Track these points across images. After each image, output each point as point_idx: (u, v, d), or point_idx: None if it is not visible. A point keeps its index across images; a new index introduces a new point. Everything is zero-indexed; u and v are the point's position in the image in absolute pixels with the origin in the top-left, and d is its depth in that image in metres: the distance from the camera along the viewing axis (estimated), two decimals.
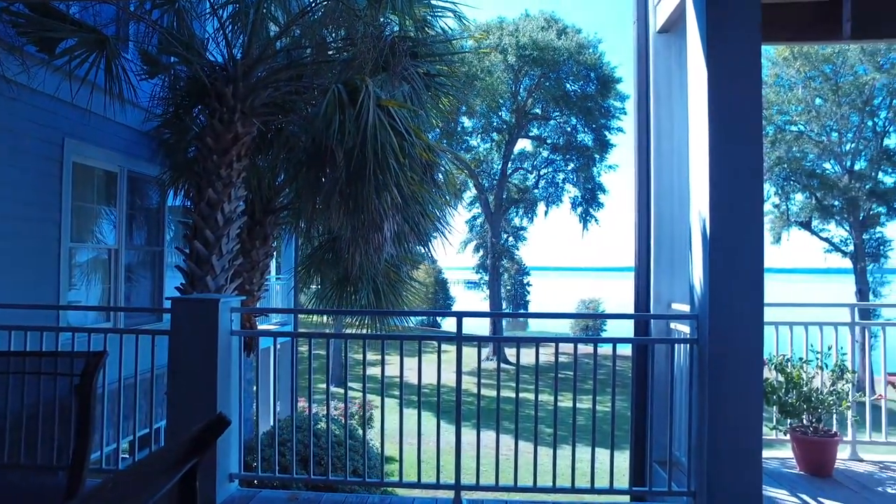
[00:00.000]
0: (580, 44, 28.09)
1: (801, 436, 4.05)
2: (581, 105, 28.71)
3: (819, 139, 25.71)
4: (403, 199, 4.42)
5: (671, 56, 4.28)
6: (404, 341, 3.95)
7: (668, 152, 4.44)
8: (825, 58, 24.13)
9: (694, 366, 3.44)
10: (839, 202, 25.22)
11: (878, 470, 4.21)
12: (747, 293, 3.25)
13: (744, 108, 3.28)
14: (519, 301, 56.16)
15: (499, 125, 30.16)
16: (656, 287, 4.39)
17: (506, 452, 3.57)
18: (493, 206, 30.50)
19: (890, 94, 24.29)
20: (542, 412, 3.59)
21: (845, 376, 4.18)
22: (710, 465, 3.22)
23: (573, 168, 30.59)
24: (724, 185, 3.30)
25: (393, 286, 6.88)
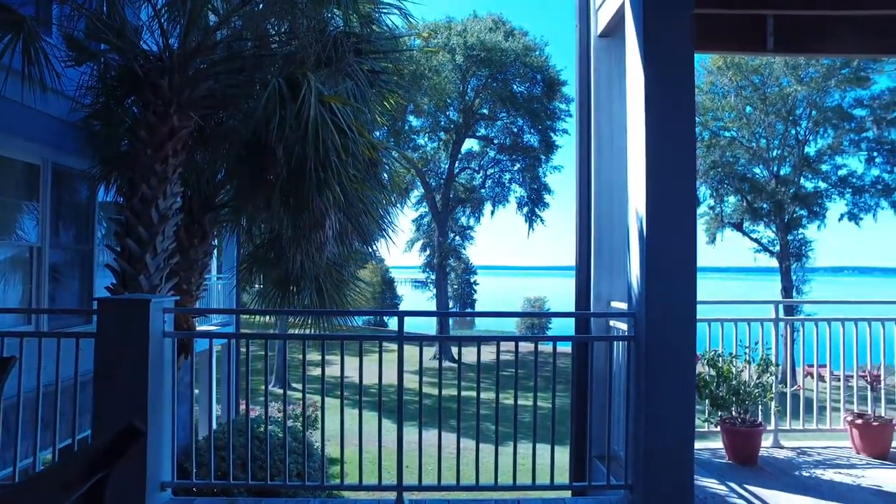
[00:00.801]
0: (527, 46, 28.54)
1: (730, 427, 4.24)
2: (527, 106, 29.17)
3: (749, 145, 27.11)
4: (346, 198, 4.35)
5: (611, 60, 4.40)
6: (348, 341, 3.90)
7: (608, 154, 4.56)
8: (754, 69, 25.45)
9: (631, 362, 3.54)
10: (767, 205, 26.65)
11: (797, 455, 4.47)
12: (681, 291, 3.37)
13: (678, 112, 3.40)
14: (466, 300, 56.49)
15: (446, 125, 30.26)
16: (596, 286, 4.50)
17: (451, 451, 3.57)
18: (440, 205, 30.59)
19: (810, 105, 25.86)
20: (487, 410, 3.61)
21: (770, 369, 4.41)
22: (646, 458, 3.32)
23: (519, 168, 31.06)
24: (660, 186, 3.41)
25: (337, 286, 6.77)
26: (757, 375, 4.36)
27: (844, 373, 4.80)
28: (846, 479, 3.97)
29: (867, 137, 26.06)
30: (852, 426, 4.56)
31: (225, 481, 3.56)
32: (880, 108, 25.26)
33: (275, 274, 6.84)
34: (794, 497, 3.63)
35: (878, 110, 25.31)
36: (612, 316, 4.05)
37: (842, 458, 4.44)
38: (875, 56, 5.00)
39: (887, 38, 5.00)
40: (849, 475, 4.06)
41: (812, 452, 4.53)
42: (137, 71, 4.81)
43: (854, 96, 25.68)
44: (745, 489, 3.72)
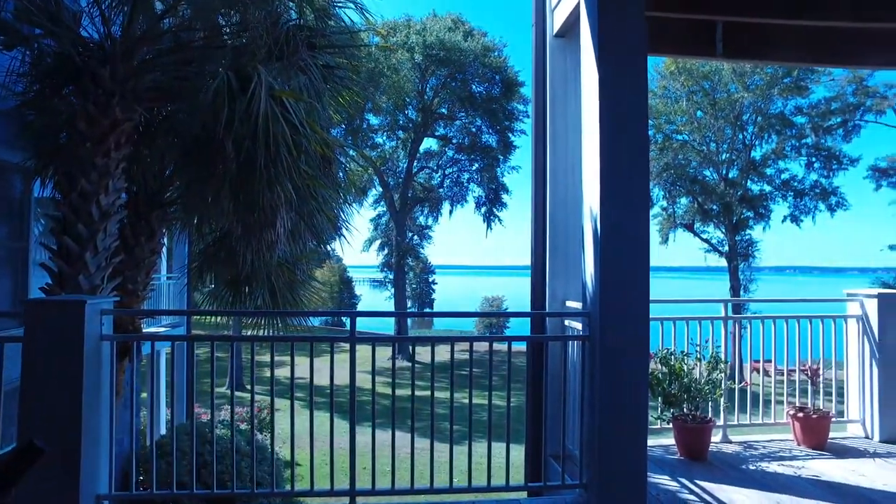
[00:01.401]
0: (486, 46, 28.68)
1: (682, 423, 4.33)
2: (486, 107, 29.31)
3: (700, 148, 28.00)
4: (298, 195, 4.23)
5: (567, 60, 4.42)
6: (307, 343, 3.76)
7: (564, 153, 4.58)
8: (704, 75, 26.31)
9: (586, 361, 3.55)
10: (717, 206, 27.58)
11: (744, 449, 4.60)
12: (635, 291, 3.40)
13: (632, 112, 3.43)
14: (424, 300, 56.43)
15: (405, 123, 30.13)
16: (552, 285, 4.51)
17: (406, 452, 3.51)
18: (399, 204, 30.43)
19: (755, 111, 26.91)
20: (443, 409, 3.57)
21: (719, 366, 4.52)
22: (600, 456, 3.34)
23: (478, 168, 31.18)
24: (614, 185, 3.43)
25: (290, 285, 6.61)
26: (707, 373, 4.46)
27: (788, 367, 4.97)
28: (788, 471, 4.11)
29: (807, 144, 27.31)
30: (794, 419, 4.72)
31: (167, 491, 3.39)
32: (817, 116, 26.53)
33: (226, 273, 6.62)
34: (741, 490, 3.71)
35: (815, 118, 26.58)
36: (566, 315, 4.07)
37: (784, 450, 4.59)
38: (817, 65, 5.21)
39: (828, 48, 5.20)
40: (790, 466, 4.20)
41: (758, 446, 4.67)
42: (75, 59, 4.55)
43: (795, 104, 26.89)
44: (696, 484, 3.80)
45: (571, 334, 4.04)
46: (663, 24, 4.43)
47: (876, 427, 4.92)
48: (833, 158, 27.14)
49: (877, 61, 5.35)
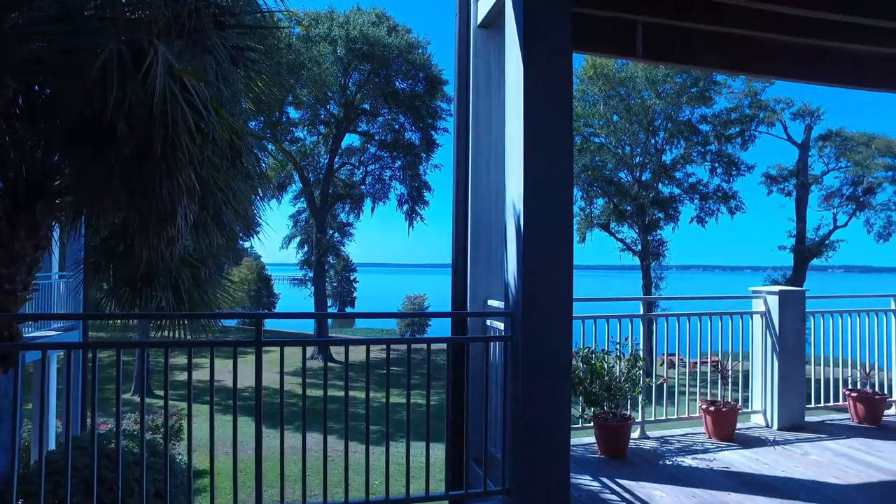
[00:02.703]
0: (410, 43, 28.42)
1: (603, 422, 4.34)
2: (409, 104, 29.09)
3: (616, 151, 29.21)
4: (203, 186, 3.86)
5: (491, 51, 4.31)
6: (211, 347, 3.42)
7: (487, 148, 4.47)
8: (620, 81, 27.47)
9: (508, 362, 3.45)
10: (631, 207, 28.87)
11: (660, 445, 4.69)
12: (558, 290, 3.33)
13: (556, 108, 3.36)
14: (345, 298, 55.46)
15: (326, 118, 29.34)
16: (473, 284, 4.39)
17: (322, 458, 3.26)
18: (319, 200, 29.60)
19: (666, 118, 28.43)
20: (361, 410, 3.37)
21: (638, 364, 4.58)
22: (523, 460, 3.25)
23: (400, 165, 30.90)
24: (538, 183, 3.34)
25: (199, 284, 6.11)
26: (627, 371, 4.50)
27: (700, 361, 5.14)
28: (702, 464, 4.21)
29: (710, 150, 29.18)
30: (706, 413, 4.87)
31: None
32: (719, 125, 28.46)
33: (124, 271, 6.04)
34: (660, 487, 3.75)
35: (718, 127, 28.50)
36: (488, 315, 3.95)
37: (697, 443, 4.73)
38: (728, 72, 5.43)
39: (746, 56, 5.41)
40: (703, 459, 4.31)
41: (673, 440, 4.78)
42: None
43: (700, 113, 28.67)
44: (617, 483, 3.80)
45: (493, 335, 3.94)
46: (586, 20, 4.42)
47: (775, 416, 5.19)
48: (732, 165, 29.18)
49: (778, 72, 5.66)
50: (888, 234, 28.69)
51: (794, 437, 4.90)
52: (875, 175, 28.23)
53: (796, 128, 29.05)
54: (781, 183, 29.52)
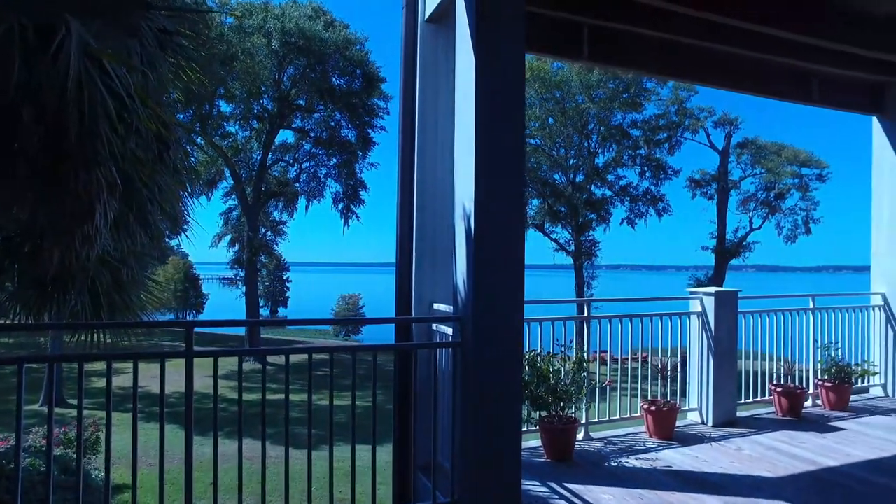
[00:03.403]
0: (348, 39, 27.88)
1: (549, 426, 4.31)
2: (346, 101, 28.53)
3: (551, 153, 29.83)
4: (125, 180, 3.53)
5: (439, 46, 4.18)
6: (134, 361, 3.10)
7: (433, 146, 4.34)
8: (556, 84, 28.07)
9: (457, 369, 3.34)
10: (564, 208, 29.58)
11: (604, 446, 4.72)
12: (510, 294, 3.26)
13: (510, 105, 3.28)
14: (278, 298, 53.96)
15: (260, 113, 28.33)
16: (418, 287, 4.25)
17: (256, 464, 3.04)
18: (251, 198, 28.55)
19: (599, 122, 29.33)
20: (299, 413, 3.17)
21: (583, 366, 4.58)
22: (473, 469, 3.15)
23: (335, 163, 30.29)
24: (489, 182, 3.25)
25: (121, 287, 5.64)
26: (573, 373, 4.49)
27: (632, 357, 5.22)
28: (645, 464, 4.26)
29: (640, 154, 30.35)
30: (647, 413, 4.95)
31: None
32: (649, 130, 29.67)
33: (31, 272, 5.48)
34: (607, 490, 3.75)
35: (647, 132, 29.69)
36: (437, 321, 3.82)
37: (640, 443, 4.80)
38: (676, 79, 5.60)
39: (688, 63, 5.56)
40: (646, 459, 4.37)
41: (616, 441, 4.83)
42: None
43: (631, 118, 29.76)
44: (565, 488, 3.77)
45: (441, 340, 3.82)
46: (535, 21, 4.38)
47: (710, 413, 5.35)
48: (660, 169, 30.47)
49: (713, 81, 5.85)
50: (795, 237, 30.87)
51: (728, 433, 5.07)
52: (784, 182, 30.29)
53: (718, 135, 30.78)
54: (704, 187, 31.17)
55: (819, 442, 4.86)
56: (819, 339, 6.20)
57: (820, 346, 6.18)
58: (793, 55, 5.22)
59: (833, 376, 6.05)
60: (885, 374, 6.66)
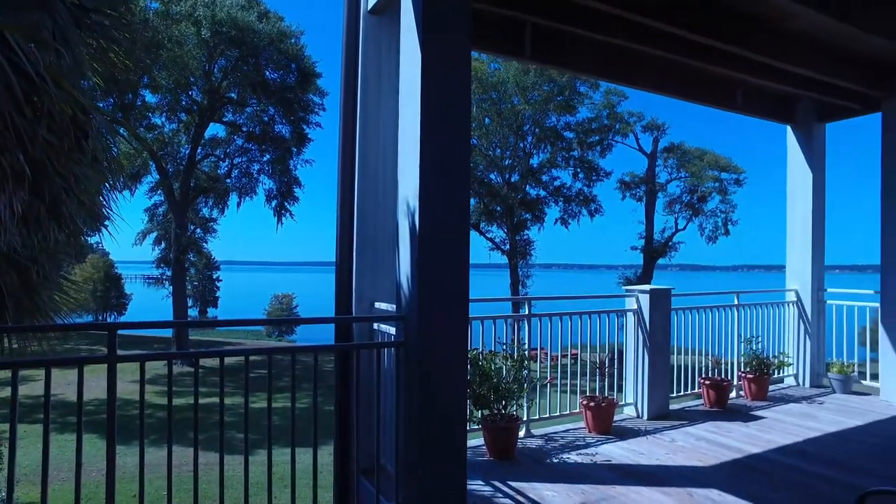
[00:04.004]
0: (283, 32, 27.04)
1: (491, 424, 4.29)
2: (280, 95, 27.68)
3: (487, 153, 30.14)
4: (36, 169, 3.21)
5: (382, 39, 4.07)
6: (47, 367, 2.80)
7: (376, 141, 4.23)
8: (493, 85, 28.39)
9: (401, 369, 3.26)
10: (500, 208, 29.97)
11: (546, 443, 4.76)
12: (455, 292, 3.20)
13: (456, 99, 3.22)
14: (208, 297, 51.85)
15: (188, 105, 27.04)
16: (359, 286, 4.12)
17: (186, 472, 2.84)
18: (179, 193, 27.23)
19: (534, 123, 29.91)
20: (233, 416, 2.98)
21: (524, 364, 4.60)
22: (417, 471, 3.07)
23: (269, 159, 29.37)
24: (434, 178, 3.18)
25: (30, 286, 5.19)
26: (514, 371, 4.50)
27: (561, 354, 5.30)
28: (586, 459, 4.33)
29: (574, 156, 31.19)
30: (586, 409, 5.04)
31: None
32: (582, 132, 30.54)
33: None
34: (550, 486, 3.77)
35: (581, 135, 30.56)
36: (379, 320, 3.72)
37: (579, 438, 4.87)
38: (615, 81, 5.72)
39: (626, 66, 5.69)
40: (587, 455, 4.44)
41: (557, 437, 4.88)
42: None
43: (565, 121, 30.54)
44: (509, 486, 3.76)
45: (384, 340, 3.72)
46: (478, 17, 4.35)
47: (645, 407, 5.51)
48: (593, 171, 31.40)
49: (648, 84, 6.03)
50: (716, 238, 32.64)
51: (662, 426, 5.24)
52: (706, 185, 31.98)
53: (646, 140, 32.10)
54: (633, 189, 32.44)
55: (744, 431, 5.11)
56: (742, 334, 6.53)
57: (743, 340, 6.51)
58: (721, 64, 5.45)
59: (754, 368, 6.38)
60: (797, 364, 7.10)
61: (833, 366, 6.91)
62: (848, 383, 6.72)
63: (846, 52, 5.81)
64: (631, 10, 4.30)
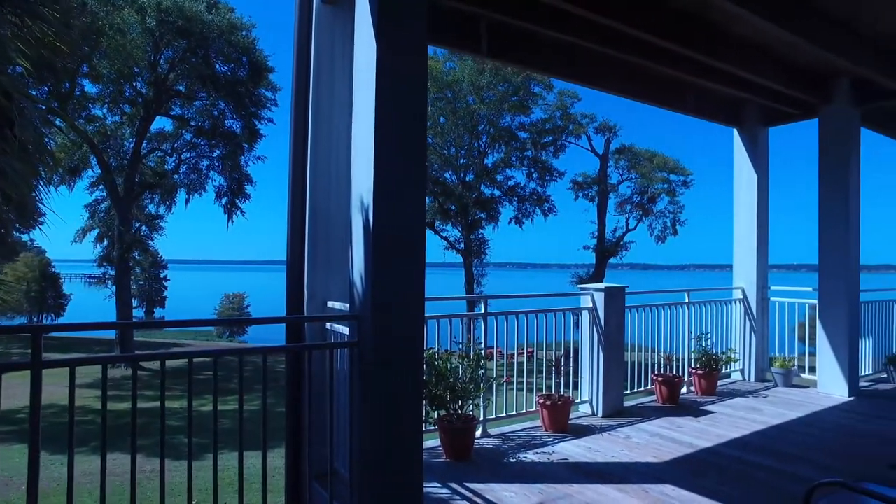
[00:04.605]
0: (233, 24, 26.25)
1: (448, 425, 4.23)
2: (231, 89, 26.88)
3: (442, 152, 30.12)
4: None
5: (336, 30, 3.95)
6: None
7: (328, 136, 4.09)
8: (448, 84, 28.38)
9: (355, 370, 3.16)
10: (455, 207, 30.01)
11: (502, 442, 4.74)
12: (410, 290, 3.12)
13: (412, 93, 3.14)
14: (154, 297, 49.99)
15: (132, 97, 25.91)
16: (311, 284, 3.99)
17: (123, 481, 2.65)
18: (123, 189, 26.09)
19: (489, 123, 30.10)
20: (177, 421, 2.81)
21: (480, 363, 4.56)
22: (372, 474, 2.98)
23: (219, 155, 28.49)
24: (390, 174, 3.09)
25: None
26: (471, 371, 4.45)
27: (517, 352, 5.29)
28: (543, 459, 4.32)
29: (528, 156, 31.55)
30: (542, 407, 5.04)
31: None
32: (536, 133, 30.93)
33: None
34: (508, 487, 3.73)
35: (534, 135, 30.94)
36: (332, 320, 3.59)
37: (536, 437, 4.87)
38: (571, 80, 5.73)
39: (582, 65, 5.72)
40: (543, 454, 4.43)
41: (514, 437, 4.87)
42: None
43: (519, 121, 30.86)
44: (466, 488, 3.70)
45: (337, 340, 3.61)
46: (435, 11, 4.27)
47: (600, 405, 5.57)
48: (546, 171, 31.83)
49: (604, 84, 6.09)
50: (664, 238, 33.65)
51: (617, 423, 5.30)
52: (656, 186, 32.93)
53: (598, 141, 32.78)
54: (586, 189, 33.06)
55: (695, 426, 5.23)
56: (693, 331, 6.69)
57: (693, 337, 6.68)
58: (673, 66, 5.55)
59: (704, 365, 6.55)
60: (743, 360, 7.34)
61: (775, 360, 7.17)
62: (789, 377, 6.99)
63: (788, 59, 6.03)
64: (587, 7, 4.31)
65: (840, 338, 6.56)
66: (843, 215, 6.59)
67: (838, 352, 6.58)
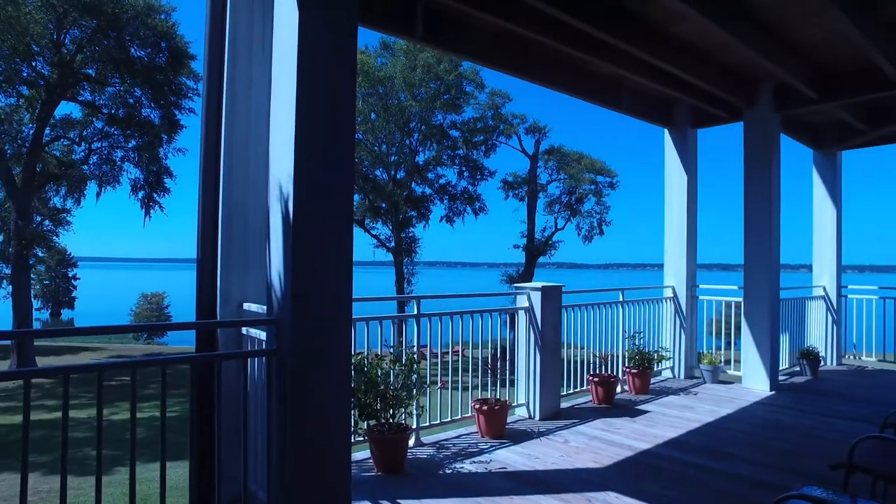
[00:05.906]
0: (150, 5, 24.59)
1: (379, 436, 3.89)
2: (148, 76, 25.15)
3: (373, 149, 29.58)
4: None
5: (255, 11, 3.52)
6: None
7: (245, 123, 3.65)
8: (379, 80, 27.87)
9: (273, 381, 2.78)
10: (385, 205, 29.55)
11: (437, 451, 4.45)
12: (335, 292, 2.78)
13: (338, 70, 2.80)
14: (61, 298, 46.43)
15: (32, 77, 23.72)
16: (225, 285, 3.54)
17: None
18: (21, 180, 23.85)
19: (421, 121, 29.86)
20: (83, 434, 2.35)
21: (414, 368, 4.25)
22: (293, 496, 2.61)
23: (135, 146, 26.65)
24: (313, 164, 2.74)
25: None
26: (402, 376, 4.13)
27: (442, 351, 5.03)
28: (480, 468, 4.06)
29: (459, 155, 31.56)
30: (479, 413, 4.80)
31: None
32: (467, 132, 31.00)
33: None
34: (442, 501, 3.45)
35: (466, 134, 30.99)
36: (247, 324, 3.19)
37: (472, 444, 4.61)
38: (505, 70, 5.50)
39: (517, 55, 5.52)
40: (481, 463, 4.18)
41: (449, 444, 4.59)
42: None
43: (451, 119, 30.80)
44: None
45: (254, 347, 3.20)
46: None
47: (537, 407, 5.40)
48: (477, 170, 31.97)
49: (538, 75, 5.93)
50: (591, 237, 34.63)
51: (555, 426, 5.14)
52: (584, 187, 33.81)
53: (528, 141, 33.29)
54: (516, 189, 33.48)
55: (632, 427, 5.15)
56: (626, 330, 6.68)
57: (627, 335, 6.66)
58: (608, 59, 5.46)
59: (637, 363, 6.55)
60: (674, 358, 7.44)
61: (704, 357, 7.31)
62: (716, 373, 7.13)
63: (719, 60, 6.10)
64: None
65: (763, 335, 6.74)
66: (765, 215, 6.77)
67: (761, 348, 6.76)
